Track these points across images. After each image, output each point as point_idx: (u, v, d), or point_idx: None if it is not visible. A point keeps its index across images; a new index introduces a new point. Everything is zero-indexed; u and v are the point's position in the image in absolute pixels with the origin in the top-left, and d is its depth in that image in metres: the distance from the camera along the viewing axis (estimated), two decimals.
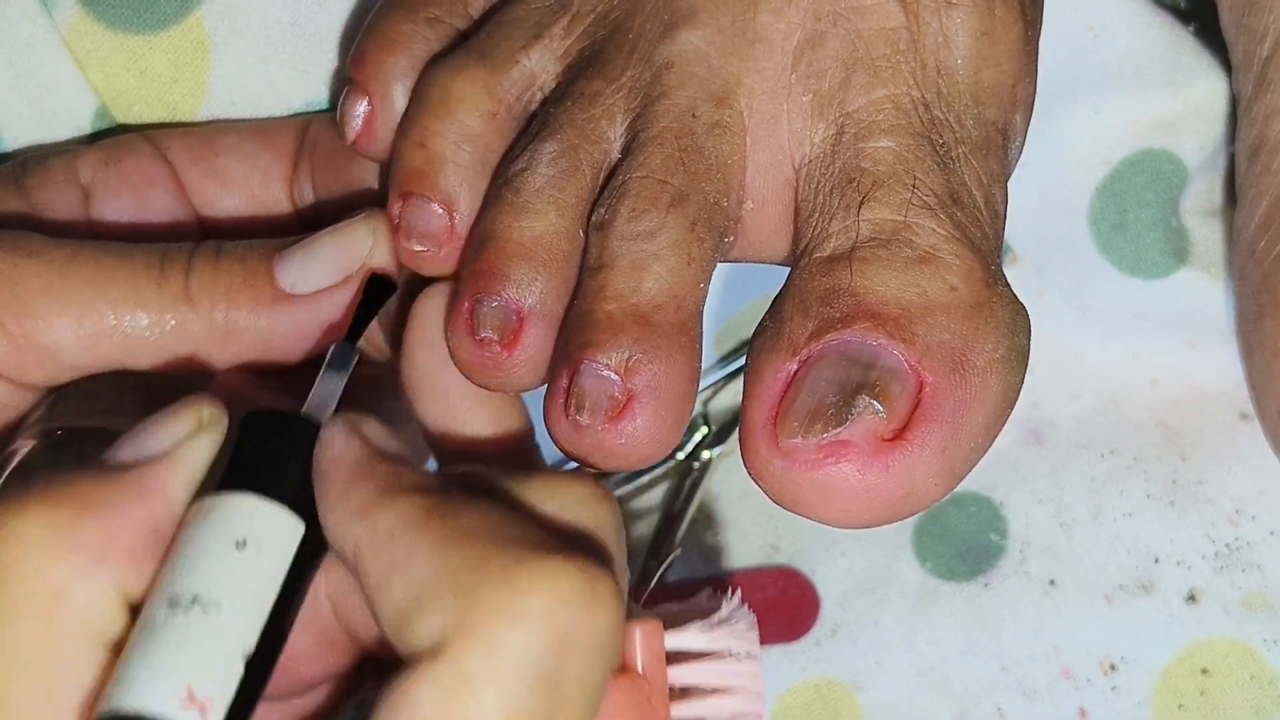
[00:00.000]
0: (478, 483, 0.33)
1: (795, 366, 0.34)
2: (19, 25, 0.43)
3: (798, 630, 0.51)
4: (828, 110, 0.37)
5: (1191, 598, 0.50)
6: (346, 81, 0.41)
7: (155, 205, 0.42)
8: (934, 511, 0.52)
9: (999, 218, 0.37)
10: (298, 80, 0.44)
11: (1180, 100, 0.49)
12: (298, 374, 0.38)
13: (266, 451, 0.33)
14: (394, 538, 0.31)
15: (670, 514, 0.53)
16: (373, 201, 0.41)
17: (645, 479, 0.53)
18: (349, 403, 0.35)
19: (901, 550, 0.51)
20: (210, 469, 0.33)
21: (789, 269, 0.36)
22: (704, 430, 0.53)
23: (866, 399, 0.33)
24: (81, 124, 0.44)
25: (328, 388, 0.36)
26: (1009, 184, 0.39)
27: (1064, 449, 0.52)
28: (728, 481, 0.53)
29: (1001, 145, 0.37)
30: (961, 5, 0.37)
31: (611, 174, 0.37)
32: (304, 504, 0.33)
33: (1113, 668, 0.49)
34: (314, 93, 0.44)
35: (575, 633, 0.30)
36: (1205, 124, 0.49)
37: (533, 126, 0.38)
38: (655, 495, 0.53)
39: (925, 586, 0.51)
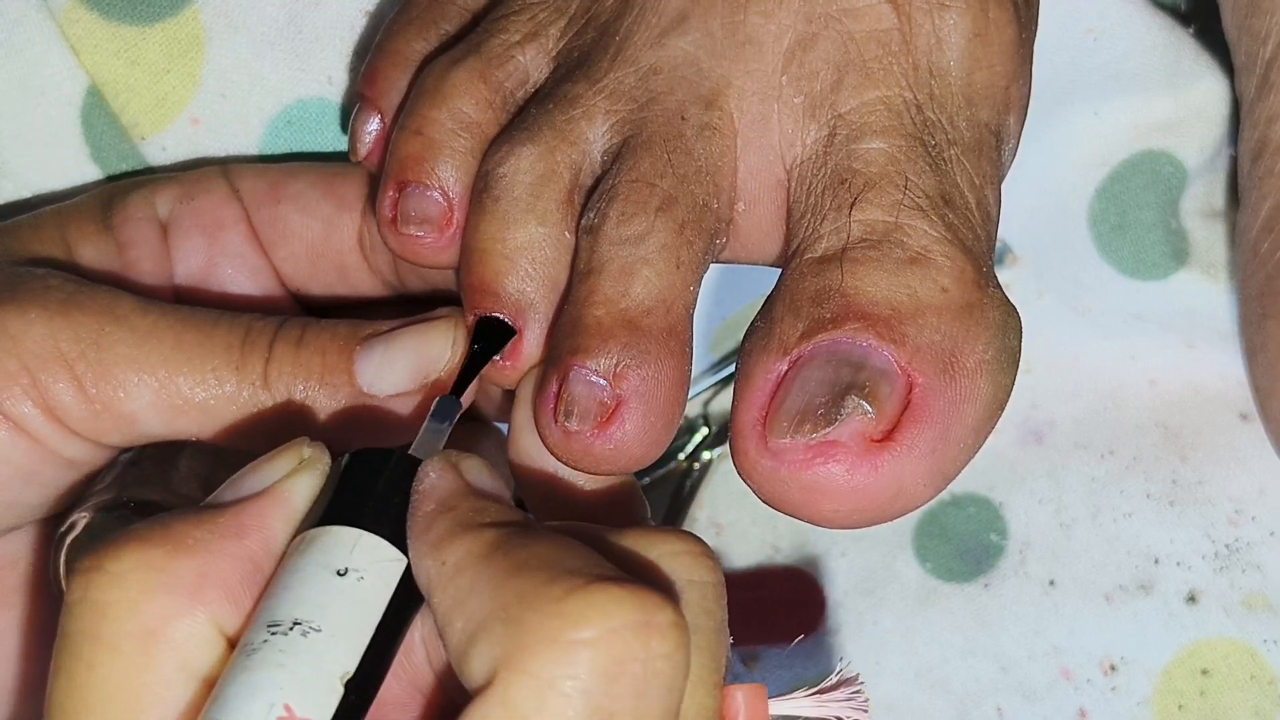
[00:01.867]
0: (572, 532, 0.32)
1: (785, 367, 0.34)
2: (10, 4, 0.43)
3: (806, 629, 0.51)
4: (819, 112, 0.37)
5: (1191, 598, 0.50)
6: (358, 98, 0.41)
7: (227, 248, 0.42)
8: (933, 512, 0.52)
9: (991, 220, 0.37)
10: (291, 77, 0.44)
11: (1180, 102, 0.49)
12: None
13: (369, 487, 0.33)
14: (460, 572, 0.30)
15: (670, 515, 0.53)
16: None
17: (646, 480, 0.53)
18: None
19: (901, 550, 0.51)
20: (313, 509, 0.33)
21: (781, 271, 0.36)
22: (704, 431, 0.53)
23: (855, 399, 0.33)
24: (71, 102, 0.44)
25: (431, 435, 0.35)
26: (1007, 185, 0.39)
27: (1063, 449, 0.52)
28: (728, 482, 0.53)
29: (995, 147, 0.37)
30: (954, 7, 0.37)
31: (600, 177, 0.37)
32: (404, 540, 0.32)
33: (1112, 668, 0.49)
34: (306, 90, 0.44)
35: (628, 663, 0.29)
36: (1205, 126, 0.49)
37: (513, 126, 0.38)
38: (655, 497, 0.53)
39: (925, 587, 0.51)
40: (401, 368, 0.37)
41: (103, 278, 0.40)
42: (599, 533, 0.33)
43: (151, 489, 0.38)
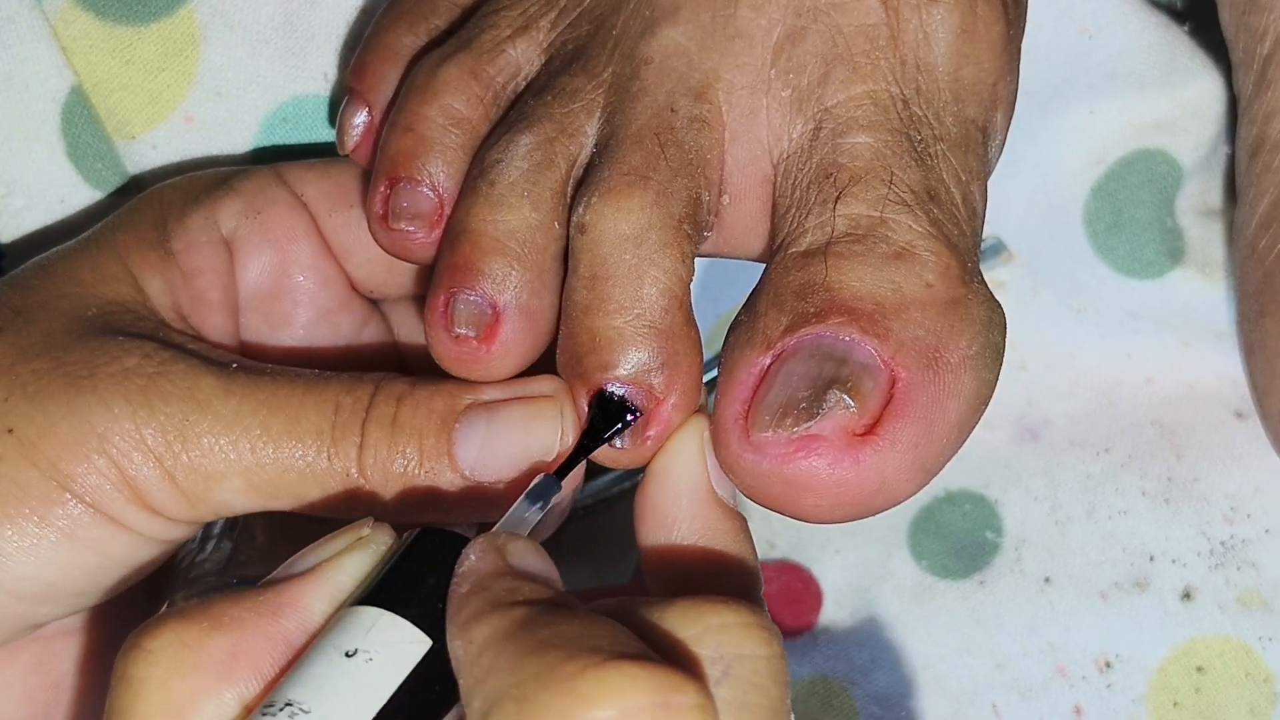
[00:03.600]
0: (615, 608, 0.32)
1: (769, 361, 0.34)
2: (3, 3, 0.43)
3: (802, 624, 0.51)
4: (806, 106, 0.37)
5: (1186, 595, 0.50)
6: (346, 91, 0.41)
7: (299, 259, 0.41)
8: (929, 509, 0.52)
9: (977, 216, 0.37)
10: (286, 75, 0.44)
11: (1175, 101, 0.49)
12: None
13: (411, 567, 0.32)
14: (483, 651, 0.30)
15: None
16: None
17: (641, 476, 0.53)
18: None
19: (897, 548, 0.51)
20: (361, 589, 0.32)
21: (766, 266, 0.36)
22: None
23: (838, 394, 0.33)
24: (54, 99, 0.44)
25: (518, 516, 0.34)
26: (1003, 183, 0.39)
27: (1059, 447, 0.52)
28: None
29: (981, 143, 0.37)
30: (942, 2, 0.37)
31: (590, 168, 0.37)
32: (440, 621, 0.31)
33: (1108, 665, 0.49)
34: (301, 88, 0.45)
35: None
36: (1200, 124, 0.49)
37: (510, 118, 0.38)
38: None
39: (921, 584, 0.51)
40: (505, 455, 0.36)
41: (173, 313, 0.39)
42: (645, 607, 0.32)
43: (257, 566, 0.39)
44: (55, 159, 0.45)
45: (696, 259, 0.38)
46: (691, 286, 0.37)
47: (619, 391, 0.35)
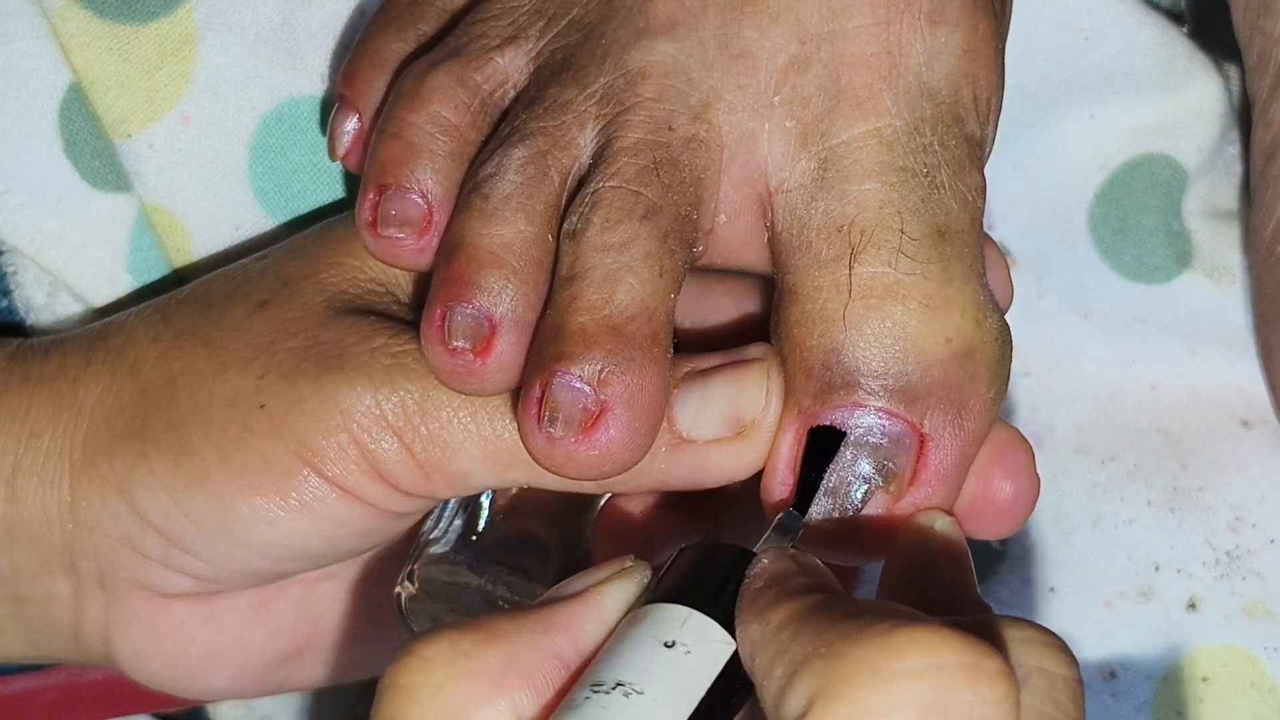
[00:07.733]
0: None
1: (802, 429, 0.36)
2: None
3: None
4: (810, 141, 0.37)
5: (1191, 605, 0.50)
6: (337, 98, 0.41)
7: None
8: None
9: (983, 230, 0.38)
10: (283, 76, 0.45)
11: (1175, 103, 0.49)
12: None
13: (703, 572, 0.33)
14: (783, 628, 0.30)
15: None
16: None
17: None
18: None
19: None
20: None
21: (782, 305, 0.37)
22: None
23: (877, 481, 0.36)
24: (52, 95, 0.45)
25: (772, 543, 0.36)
26: (1007, 188, 0.39)
27: (1063, 454, 0.51)
28: None
29: (979, 158, 0.38)
30: (945, 23, 0.37)
31: (583, 181, 0.37)
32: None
33: (1112, 675, 0.49)
34: (299, 89, 0.45)
35: (954, 703, 0.28)
36: (1201, 126, 0.49)
37: (502, 130, 0.38)
38: None
39: None
40: (717, 415, 0.37)
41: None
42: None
43: (486, 543, 0.41)
44: (53, 156, 0.45)
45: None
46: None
47: (570, 384, 0.35)
